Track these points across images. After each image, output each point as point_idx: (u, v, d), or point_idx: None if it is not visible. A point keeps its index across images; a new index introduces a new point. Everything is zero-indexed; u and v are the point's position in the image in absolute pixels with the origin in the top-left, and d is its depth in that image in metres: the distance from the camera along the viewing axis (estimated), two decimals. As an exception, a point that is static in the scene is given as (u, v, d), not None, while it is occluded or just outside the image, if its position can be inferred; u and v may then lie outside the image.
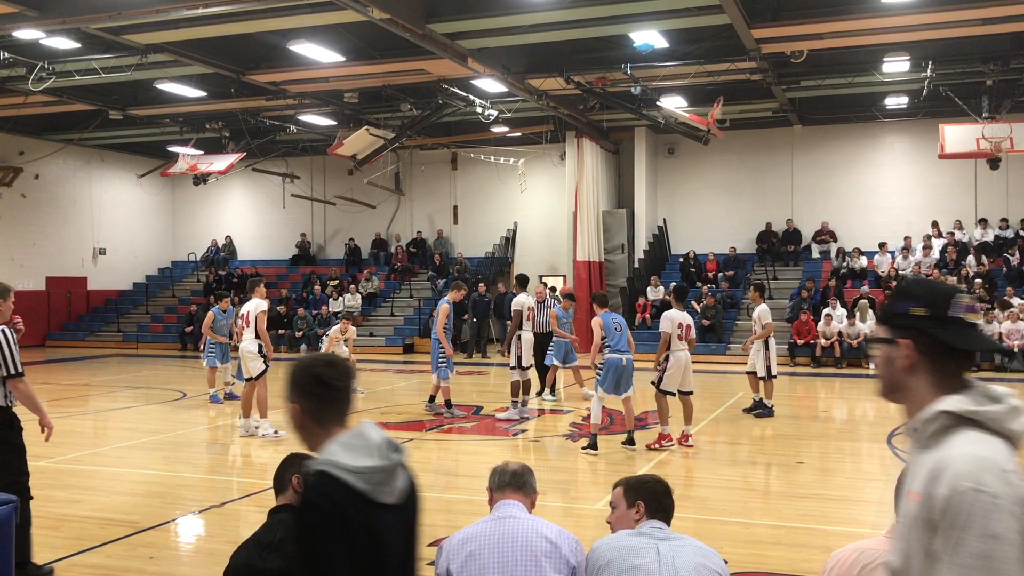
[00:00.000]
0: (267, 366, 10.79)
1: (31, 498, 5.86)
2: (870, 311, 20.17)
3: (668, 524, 3.46)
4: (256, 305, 10.90)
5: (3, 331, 5.75)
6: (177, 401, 14.49)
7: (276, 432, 10.56)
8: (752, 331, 12.94)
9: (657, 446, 9.95)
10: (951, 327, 1.88)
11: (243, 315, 10.98)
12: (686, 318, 10.28)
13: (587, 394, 13.51)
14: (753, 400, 12.84)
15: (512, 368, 12.53)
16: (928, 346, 1.89)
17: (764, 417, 12.40)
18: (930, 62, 17.43)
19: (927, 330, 1.89)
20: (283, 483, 3.46)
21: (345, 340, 15.56)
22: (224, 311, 14.15)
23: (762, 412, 12.52)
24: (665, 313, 10.30)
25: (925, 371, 1.90)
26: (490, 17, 14.89)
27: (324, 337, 16.47)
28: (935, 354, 1.89)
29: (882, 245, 22.44)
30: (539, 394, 14.23)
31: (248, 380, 11.03)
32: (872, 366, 1.84)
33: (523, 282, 13.43)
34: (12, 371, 5.68)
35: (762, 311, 12.65)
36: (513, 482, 3.51)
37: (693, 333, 10.38)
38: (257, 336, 10.75)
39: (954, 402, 1.84)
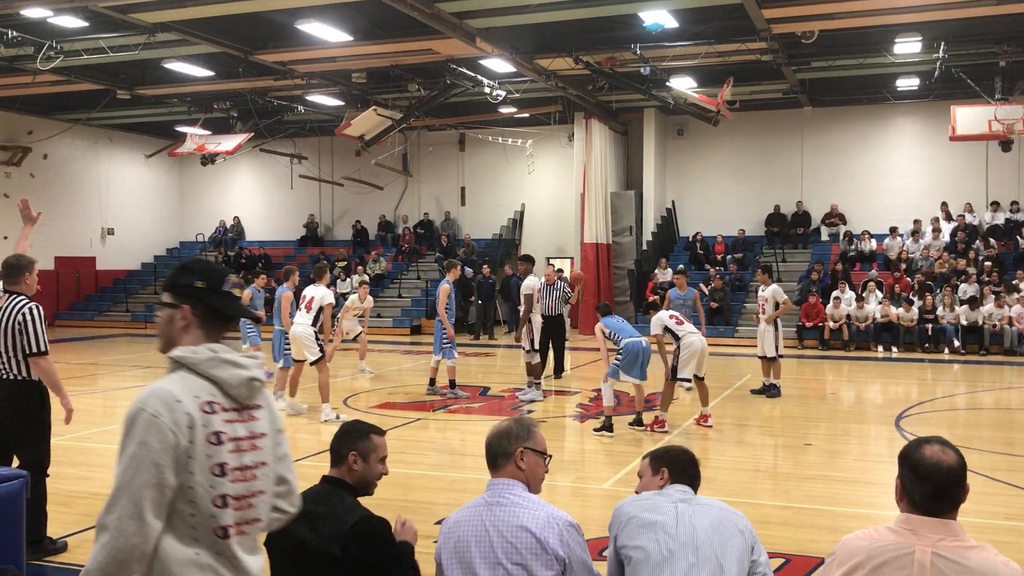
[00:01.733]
0: (323, 353, 10.82)
1: (47, 476, 5.88)
2: (878, 293, 20.12)
3: (695, 491, 3.51)
4: (323, 295, 10.83)
5: (32, 308, 5.66)
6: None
7: (337, 416, 10.52)
8: (761, 308, 12.86)
9: (649, 429, 9.96)
10: (222, 298, 2.48)
11: (305, 298, 10.91)
12: (671, 313, 10.62)
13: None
14: (763, 383, 12.82)
15: (527, 351, 12.61)
16: (201, 311, 2.44)
17: (774, 397, 12.44)
18: (942, 43, 17.25)
19: (204, 299, 2.45)
20: (340, 456, 3.46)
21: (361, 316, 15.42)
22: (260, 290, 14.20)
23: (773, 392, 12.54)
24: (653, 320, 10.47)
25: (195, 329, 2.44)
26: (499, -4, 14.80)
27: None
28: (205, 317, 2.45)
29: (893, 230, 22.33)
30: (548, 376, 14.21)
31: (296, 362, 11.09)
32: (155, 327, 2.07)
33: (529, 262, 13.32)
34: (36, 349, 5.63)
35: (775, 290, 12.57)
36: (500, 451, 3.50)
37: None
38: (313, 324, 10.76)
39: (178, 351, 2.39)
